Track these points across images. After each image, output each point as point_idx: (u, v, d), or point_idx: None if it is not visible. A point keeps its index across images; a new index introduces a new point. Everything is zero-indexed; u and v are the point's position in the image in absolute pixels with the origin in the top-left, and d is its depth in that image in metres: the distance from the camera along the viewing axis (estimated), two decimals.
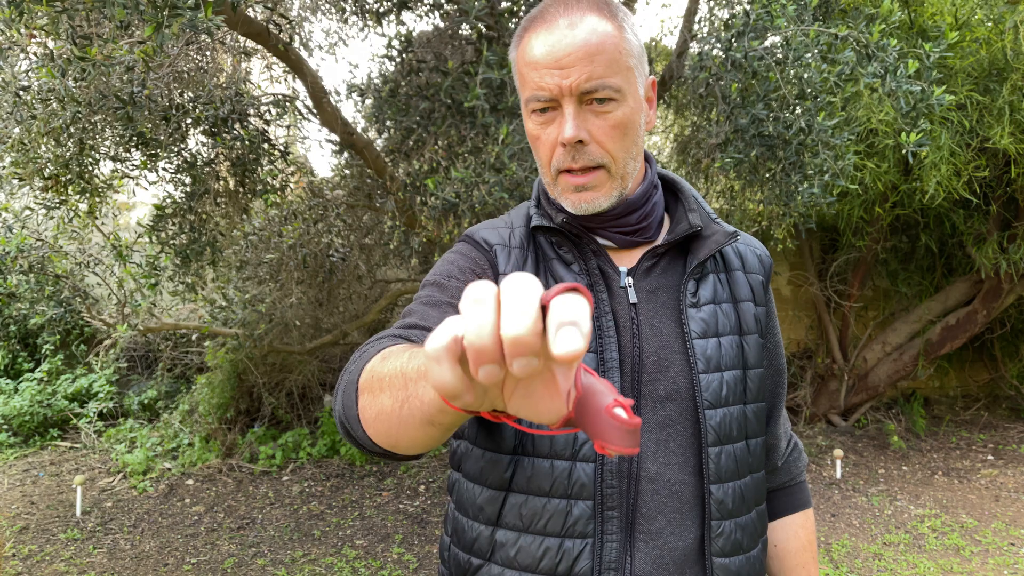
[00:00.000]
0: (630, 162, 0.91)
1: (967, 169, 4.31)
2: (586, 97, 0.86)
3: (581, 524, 0.86)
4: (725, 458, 0.90)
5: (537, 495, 0.87)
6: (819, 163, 2.80)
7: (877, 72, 2.57)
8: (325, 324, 5.06)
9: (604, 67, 0.85)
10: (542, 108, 0.88)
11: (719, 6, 3.88)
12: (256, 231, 3.81)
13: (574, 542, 0.86)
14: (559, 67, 0.85)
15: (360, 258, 4.22)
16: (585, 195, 0.90)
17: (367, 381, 0.69)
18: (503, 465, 0.89)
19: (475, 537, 0.92)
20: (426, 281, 0.95)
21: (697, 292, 0.95)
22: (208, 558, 3.78)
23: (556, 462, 0.87)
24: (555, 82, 0.85)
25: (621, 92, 0.87)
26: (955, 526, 4.11)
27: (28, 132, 2.91)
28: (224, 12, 2.47)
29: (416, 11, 3.46)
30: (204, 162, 3.78)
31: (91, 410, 5.75)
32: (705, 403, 0.90)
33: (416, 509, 4.42)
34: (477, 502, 0.92)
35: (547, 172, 0.93)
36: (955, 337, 5.52)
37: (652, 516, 0.88)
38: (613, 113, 0.87)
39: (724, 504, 0.90)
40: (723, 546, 0.90)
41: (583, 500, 0.86)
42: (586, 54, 0.84)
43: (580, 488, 0.86)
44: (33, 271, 3.81)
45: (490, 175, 2.71)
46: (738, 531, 0.91)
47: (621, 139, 0.88)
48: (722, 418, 0.91)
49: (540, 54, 0.86)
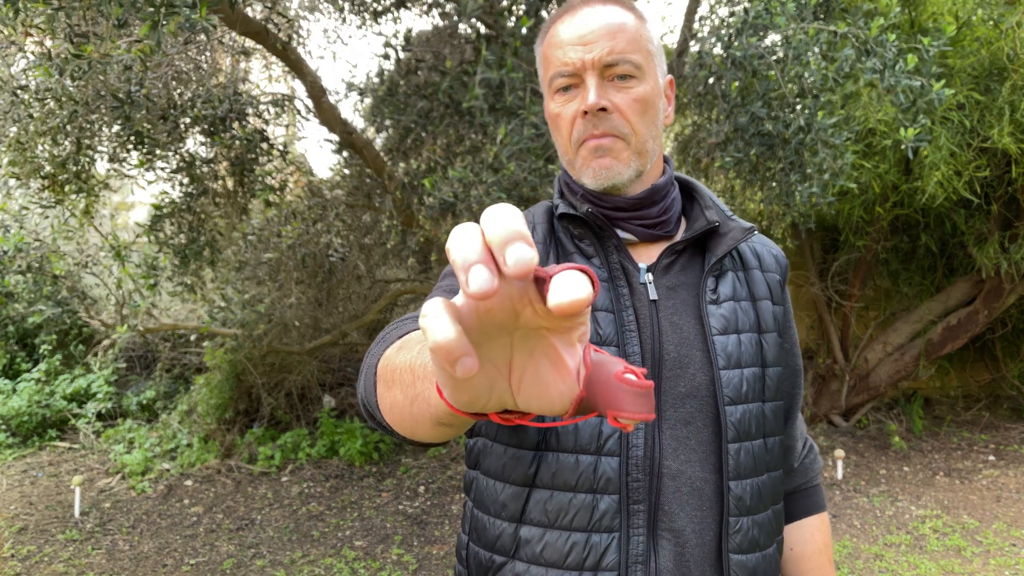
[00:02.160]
0: (649, 140, 0.93)
1: (968, 169, 4.29)
2: (608, 72, 0.89)
3: (608, 518, 0.85)
4: (744, 455, 0.90)
5: (563, 490, 0.87)
6: (818, 162, 2.79)
7: (876, 68, 2.56)
8: (324, 324, 5.05)
9: (626, 43, 0.89)
10: (565, 86, 0.92)
11: (720, 4, 3.87)
12: (255, 231, 3.80)
13: (601, 536, 0.85)
14: (583, 43, 0.89)
15: (359, 258, 4.21)
16: (604, 160, 0.91)
17: (383, 370, 0.69)
18: (527, 461, 0.89)
19: (498, 534, 0.91)
20: (445, 272, 0.97)
21: (717, 289, 0.94)
22: (207, 559, 3.77)
23: (581, 456, 0.86)
24: (578, 56, 0.89)
25: (641, 70, 0.91)
26: (956, 527, 4.09)
27: (25, 131, 2.90)
28: (222, 11, 2.46)
29: (414, 9, 3.45)
30: (203, 162, 3.77)
31: (90, 410, 5.74)
32: (725, 399, 0.89)
33: (416, 510, 4.41)
34: (499, 499, 0.91)
35: (568, 147, 0.94)
36: (956, 337, 5.51)
37: (674, 513, 0.88)
38: (635, 89, 0.90)
39: (743, 501, 0.89)
40: (740, 543, 0.89)
41: (609, 494, 0.86)
42: (608, 32, 0.89)
43: (606, 482, 0.86)
44: (31, 271, 3.80)
45: (488, 175, 2.70)
46: (755, 528, 0.91)
47: (642, 114, 0.91)
48: (742, 415, 0.90)
49: (566, 34, 0.91)
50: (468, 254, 0.37)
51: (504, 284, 0.39)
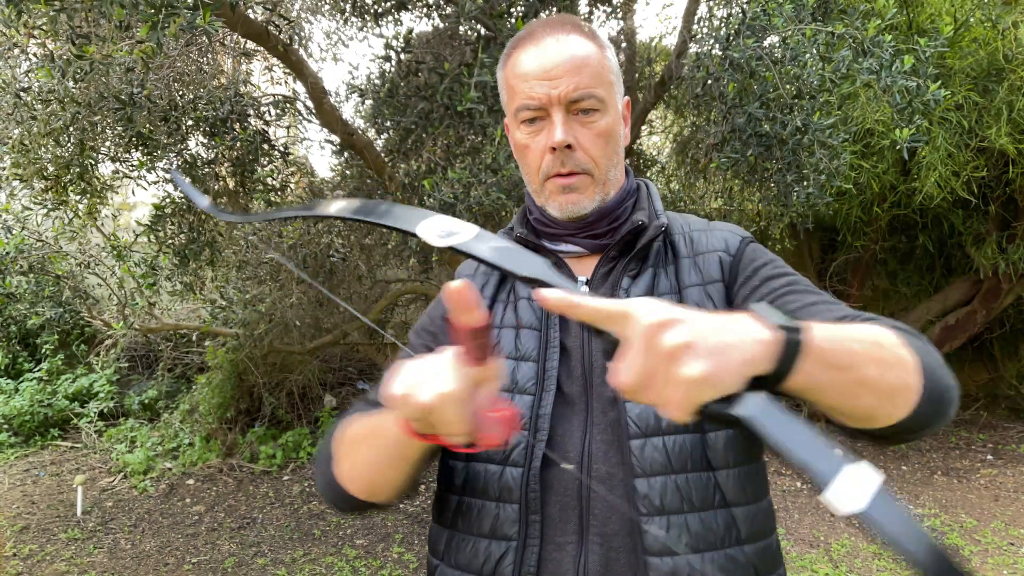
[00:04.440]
0: (612, 169, 0.97)
1: (966, 169, 4.31)
2: (573, 107, 0.92)
3: (507, 526, 0.88)
4: (650, 450, 0.86)
5: (473, 497, 0.93)
6: (815, 162, 2.80)
7: (872, 68, 2.58)
8: (325, 324, 5.07)
9: (590, 79, 0.91)
10: (531, 118, 0.94)
11: (718, 6, 3.89)
12: (256, 231, 3.82)
13: (499, 544, 0.89)
14: (548, 77, 0.91)
15: (360, 258, 4.23)
16: (571, 196, 0.95)
17: (340, 447, 0.90)
18: (455, 471, 0.97)
19: (435, 539, 0.99)
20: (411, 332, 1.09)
21: (630, 289, 0.95)
22: (208, 558, 3.79)
23: (489, 466, 0.91)
24: (544, 91, 0.91)
25: (604, 103, 0.93)
26: (955, 526, 4.11)
27: (28, 133, 2.92)
28: (223, 13, 2.48)
29: (414, 11, 3.47)
30: (204, 162, 3.79)
31: (92, 410, 5.76)
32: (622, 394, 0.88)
33: (416, 509, 4.42)
34: (437, 506, 1.01)
35: (534, 179, 0.98)
36: (954, 337, 5.52)
37: (605, 517, 0.87)
38: (597, 123, 0.93)
39: (649, 499, 0.85)
40: (650, 544, 0.85)
41: (510, 503, 0.89)
42: (573, 66, 0.91)
43: (508, 491, 0.89)
44: (33, 272, 3.82)
45: (487, 176, 2.72)
46: (674, 530, 0.85)
47: (605, 147, 0.94)
48: (642, 410, 0.88)
49: (530, 66, 0.92)
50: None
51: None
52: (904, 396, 0.69)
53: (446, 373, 0.67)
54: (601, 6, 3.80)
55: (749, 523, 0.88)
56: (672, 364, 0.54)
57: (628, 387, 0.57)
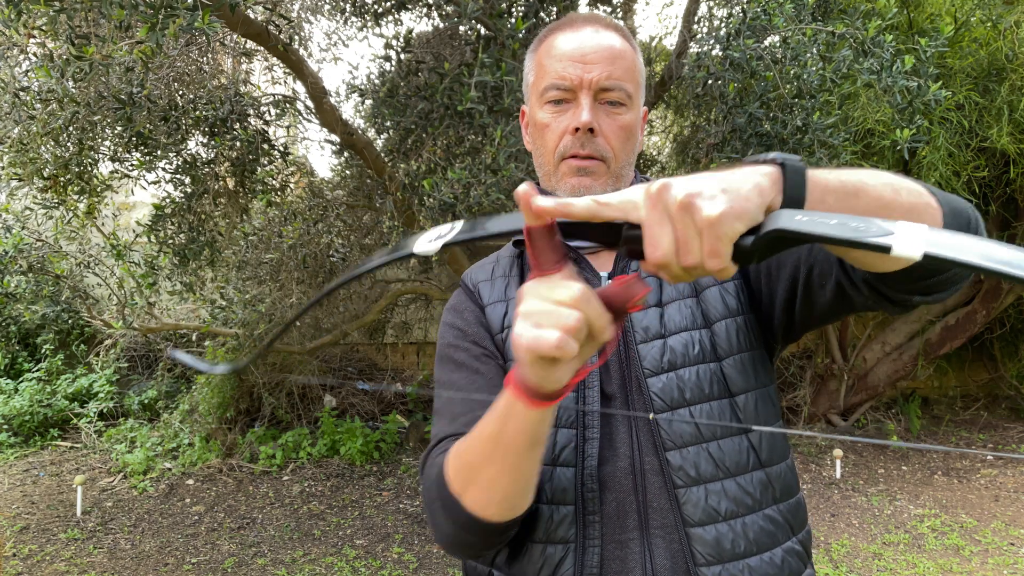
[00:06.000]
0: (626, 166, 0.97)
1: (966, 169, 4.30)
2: (602, 95, 0.93)
3: (563, 529, 0.87)
4: (677, 423, 0.88)
5: None
6: (815, 162, 2.80)
7: (873, 68, 2.58)
8: (325, 324, 5.07)
9: (623, 72, 0.94)
10: (558, 99, 0.94)
11: (718, 6, 3.89)
12: (256, 231, 3.82)
13: (556, 548, 0.87)
14: (583, 61, 0.92)
15: (360, 258, 4.23)
16: (584, 179, 0.95)
17: (456, 479, 0.80)
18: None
19: None
20: (438, 356, 1.01)
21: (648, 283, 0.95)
22: (208, 558, 3.79)
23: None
24: (577, 73, 0.92)
25: (631, 99, 0.95)
26: (954, 526, 4.11)
27: (27, 132, 2.91)
28: (222, 13, 2.48)
29: (414, 11, 3.47)
30: (204, 162, 3.78)
31: (91, 410, 5.76)
32: (645, 372, 0.89)
33: (416, 509, 4.42)
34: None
35: (549, 160, 0.97)
36: (954, 337, 5.52)
37: (663, 508, 0.87)
38: (623, 116, 0.95)
39: (683, 470, 0.86)
40: (691, 513, 0.85)
41: (565, 505, 0.87)
42: (609, 56, 0.93)
43: (562, 493, 0.88)
44: (32, 271, 3.82)
45: (487, 176, 2.72)
46: (711, 497, 0.86)
47: (625, 141, 0.96)
48: (664, 384, 0.88)
49: (566, 47, 0.94)
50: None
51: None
52: (928, 213, 0.68)
53: (556, 285, 0.60)
54: (601, 6, 3.80)
55: (782, 481, 0.91)
56: (692, 213, 0.55)
57: (666, 260, 0.57)
